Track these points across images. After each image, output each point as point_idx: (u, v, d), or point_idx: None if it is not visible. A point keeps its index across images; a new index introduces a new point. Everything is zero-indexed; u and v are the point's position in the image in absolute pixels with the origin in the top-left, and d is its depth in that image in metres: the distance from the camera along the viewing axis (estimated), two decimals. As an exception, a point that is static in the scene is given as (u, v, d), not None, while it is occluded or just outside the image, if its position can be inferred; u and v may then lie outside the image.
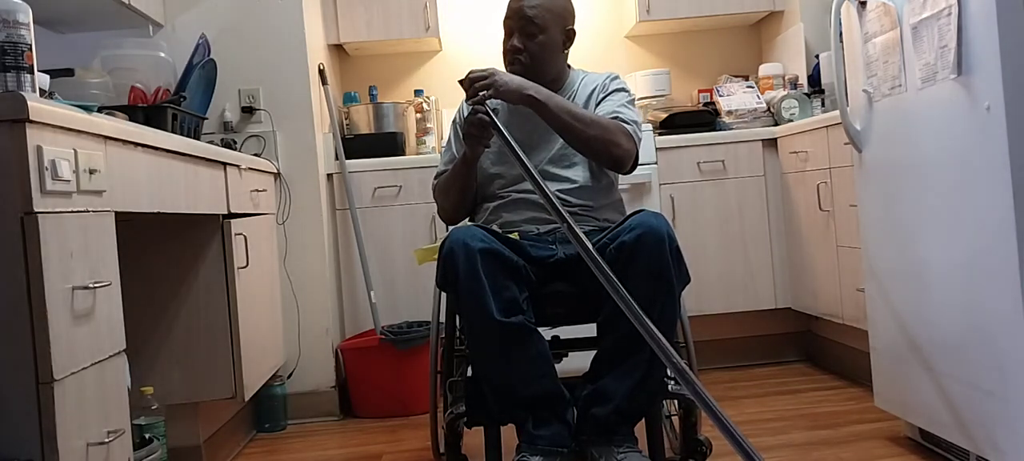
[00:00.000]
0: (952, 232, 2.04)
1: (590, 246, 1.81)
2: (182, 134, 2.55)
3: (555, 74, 2.37)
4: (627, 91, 2.39)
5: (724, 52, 4.24)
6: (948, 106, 2.00)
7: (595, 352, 2.11)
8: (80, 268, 1.59)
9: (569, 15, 2.36)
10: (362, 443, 2.99)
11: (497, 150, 2.30)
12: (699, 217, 3.58)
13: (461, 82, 2.17)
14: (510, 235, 2.17)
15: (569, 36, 2.36)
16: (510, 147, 1.98)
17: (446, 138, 2.51)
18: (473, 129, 2.14)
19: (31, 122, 1.45)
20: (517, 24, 2.30)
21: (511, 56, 2.32)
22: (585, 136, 2.19)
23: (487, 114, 2.09)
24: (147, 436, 2.26)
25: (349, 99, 3.86)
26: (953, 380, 2.09)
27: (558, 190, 2.25)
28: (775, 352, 3.73)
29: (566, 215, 1.84)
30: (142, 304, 2.43)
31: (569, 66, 2.43)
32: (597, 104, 2.34)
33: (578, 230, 1.82)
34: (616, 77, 2.41)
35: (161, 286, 2.50)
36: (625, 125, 2.25)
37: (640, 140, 2.30)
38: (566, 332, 2.31)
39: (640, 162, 2.37)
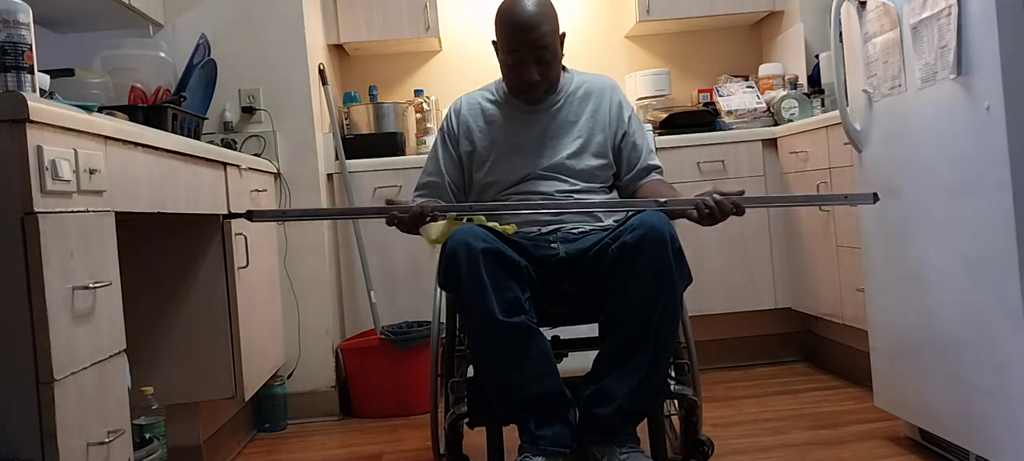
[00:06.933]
0: (952, 232, 2.04)
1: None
2: (182, 134, 2.55)
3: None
4: (630, 103, 2.42)
5: (724, 52, 4.24)
6: (948, 106, 2.00)
7: (597, 352, 2.11)
8: (80, 268, 1.59)
9: (558, 20, 2.30)
10: (362, 443, 2.99)
11: (491, 161, 2.31)
12: (699, 217, 3.57)
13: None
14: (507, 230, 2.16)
15: (563, 41, 2.32)
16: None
17: (432, 146, 2.50)
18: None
19: (31, 122, 1.45)
20: (531, 54, 2.23)
21: (532, 89, 2.28)
22: None
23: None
24: (147, 436, 2.26)
25: (349, 99, 3.86)
26: (953, 380, 2.09)
27: (557, 191, 2.26)
28: (775, 352, 3.73)
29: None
30: (142, 304, 2.43)
31: (563, 67, 2.40)
32: (619, 135, 2.33)
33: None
34: (615, 87, 2.41)
35: (161, 286, 2.50)
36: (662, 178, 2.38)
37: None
38: (567, 332, 2.31)
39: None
